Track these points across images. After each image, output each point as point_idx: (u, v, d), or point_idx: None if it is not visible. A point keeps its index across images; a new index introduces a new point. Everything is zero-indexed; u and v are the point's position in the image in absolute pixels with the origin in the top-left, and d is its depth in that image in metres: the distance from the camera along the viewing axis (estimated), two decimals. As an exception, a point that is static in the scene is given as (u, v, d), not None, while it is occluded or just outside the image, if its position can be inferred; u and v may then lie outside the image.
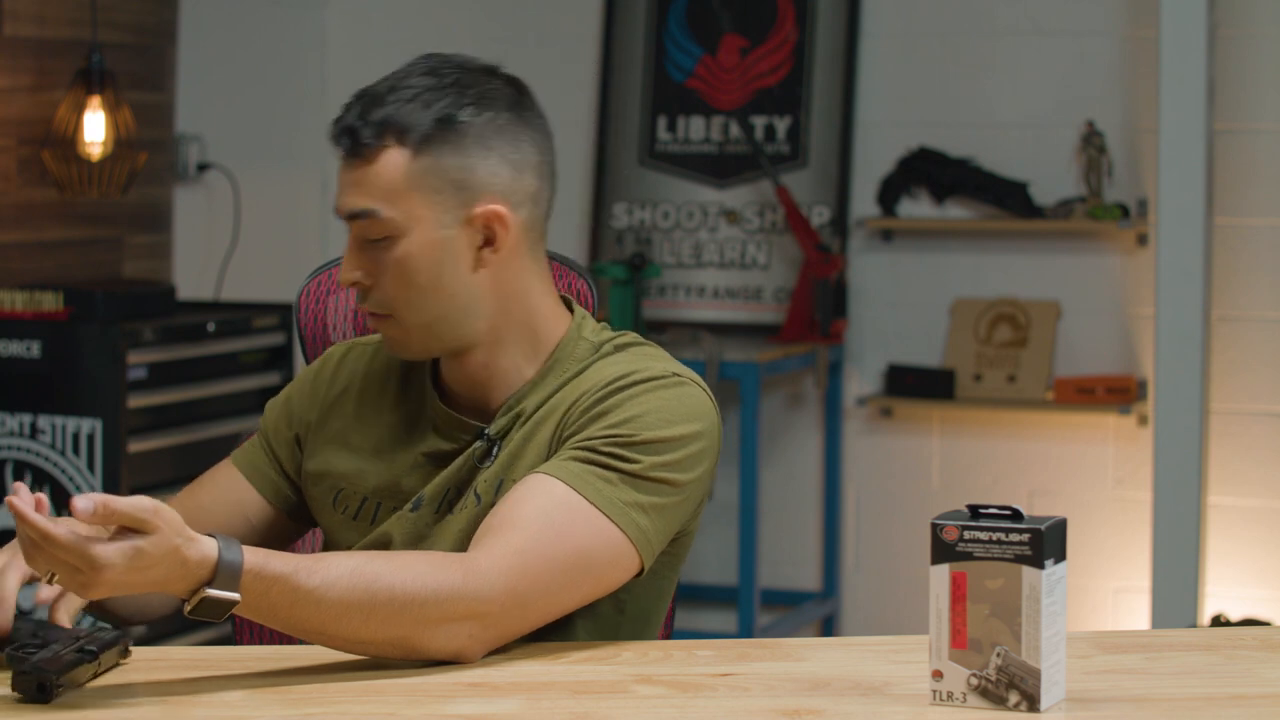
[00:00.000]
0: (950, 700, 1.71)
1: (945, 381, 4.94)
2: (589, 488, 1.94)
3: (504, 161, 2.02)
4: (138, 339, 4.37)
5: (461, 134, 2.00)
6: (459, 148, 1.99)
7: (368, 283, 2.02)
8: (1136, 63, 4.83)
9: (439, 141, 1.99)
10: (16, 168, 4.68)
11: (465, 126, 1.99)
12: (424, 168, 1.99)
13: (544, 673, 1.85)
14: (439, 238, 2.00)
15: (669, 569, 2.09)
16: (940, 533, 1.71)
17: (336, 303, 2.37)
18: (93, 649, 1.80)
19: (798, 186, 5.09)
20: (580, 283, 2.33)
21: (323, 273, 2.39)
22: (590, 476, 1.94)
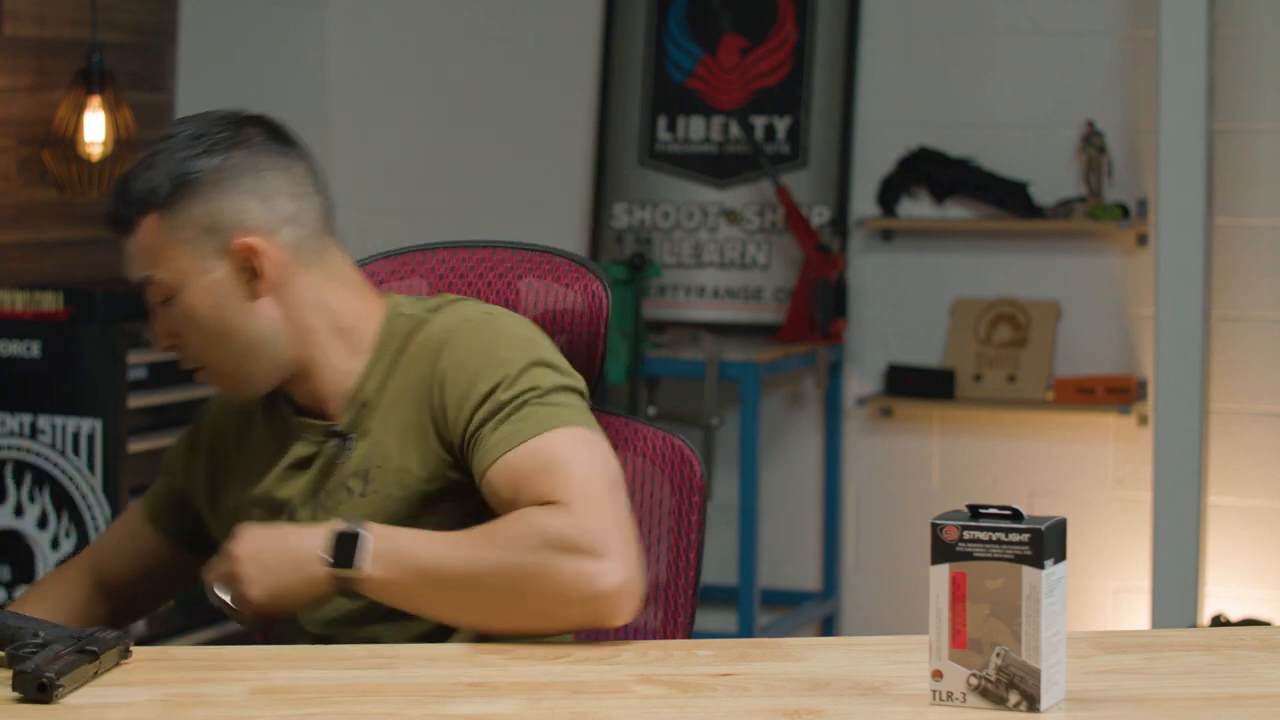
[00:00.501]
0: (950, 700, 1.71)
1: (945, 381, 4.94)
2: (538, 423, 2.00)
3: (248, 196, 2.11)
4: (138, 339, 4.37)
5: (198, 184, 2.10)
6: (200, 197, 2.10)
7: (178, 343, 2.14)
8: (1136, 63, 4.83)
9: (181, 196, 2.10)
10: (16, 168, 4.68)
11: (199, 176, 2.10)
12: (174, 224, 2.10)
13: (544, 673, 1.85)
14: (208, 283, 2.10)
15: None
16: (940, 533, 1.71)
17: None
18: (93, 649, 1.80)
19: (798, 186, 5.09)
20: (596, 285, 2.33)
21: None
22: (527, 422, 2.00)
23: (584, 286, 2.32)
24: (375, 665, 1.88)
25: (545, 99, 5.38)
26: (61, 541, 4.32)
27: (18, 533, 4.35)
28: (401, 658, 1.92)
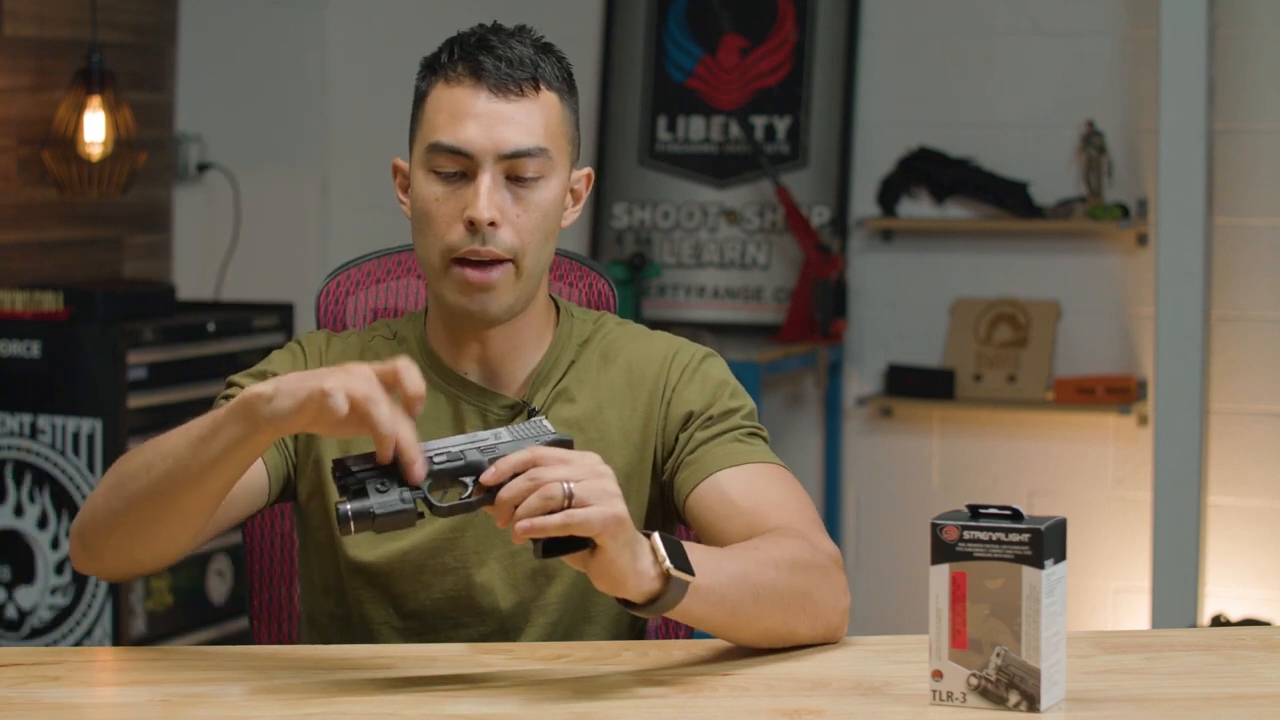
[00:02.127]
0: (950, 700, 1.71)
1: (945, 381, 4.94)
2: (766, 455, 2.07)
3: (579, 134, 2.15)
4: (138, 339, 4.37)
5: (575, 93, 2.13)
6: (575, 104, 2.12)
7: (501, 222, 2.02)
8: (1136, 63, 4.83)
9: (571, 96, 2.11)
10: (16, 168, 4.68)
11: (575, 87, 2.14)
12: (567, 116, 2.10)
13: (544, 673, 1.85)
14: (565, 184, 2.09)
15: None
16: (940, 533, 1.71)
17: (356, 303, 2.37)
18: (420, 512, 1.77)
19: (798, 186, 5.09)
20: (602, 283, 2.34)
21: (341, 273, 2.39)
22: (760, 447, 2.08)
23: (589, 285, 2.33)
24: (375, 665, 1.88)
25: (545, 99, 5.38)
26: (61, 541, 4.32)
27: (18, 533, 4.35)
28: (401, 658, 1.92)
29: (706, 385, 2.11)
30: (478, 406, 2.09)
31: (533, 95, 2.04)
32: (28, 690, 1.79)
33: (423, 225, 2.05)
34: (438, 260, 2.03)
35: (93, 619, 4.29)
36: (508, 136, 2.02)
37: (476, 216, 2.00)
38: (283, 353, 2.14)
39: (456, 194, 2.03)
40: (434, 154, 2.03)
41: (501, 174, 2.02)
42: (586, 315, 2.17)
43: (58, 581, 4.32)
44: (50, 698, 1.77)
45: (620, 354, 2.13)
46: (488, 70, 2.03)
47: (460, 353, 2.10)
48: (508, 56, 2.04)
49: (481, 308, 2.03)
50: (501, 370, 2.10)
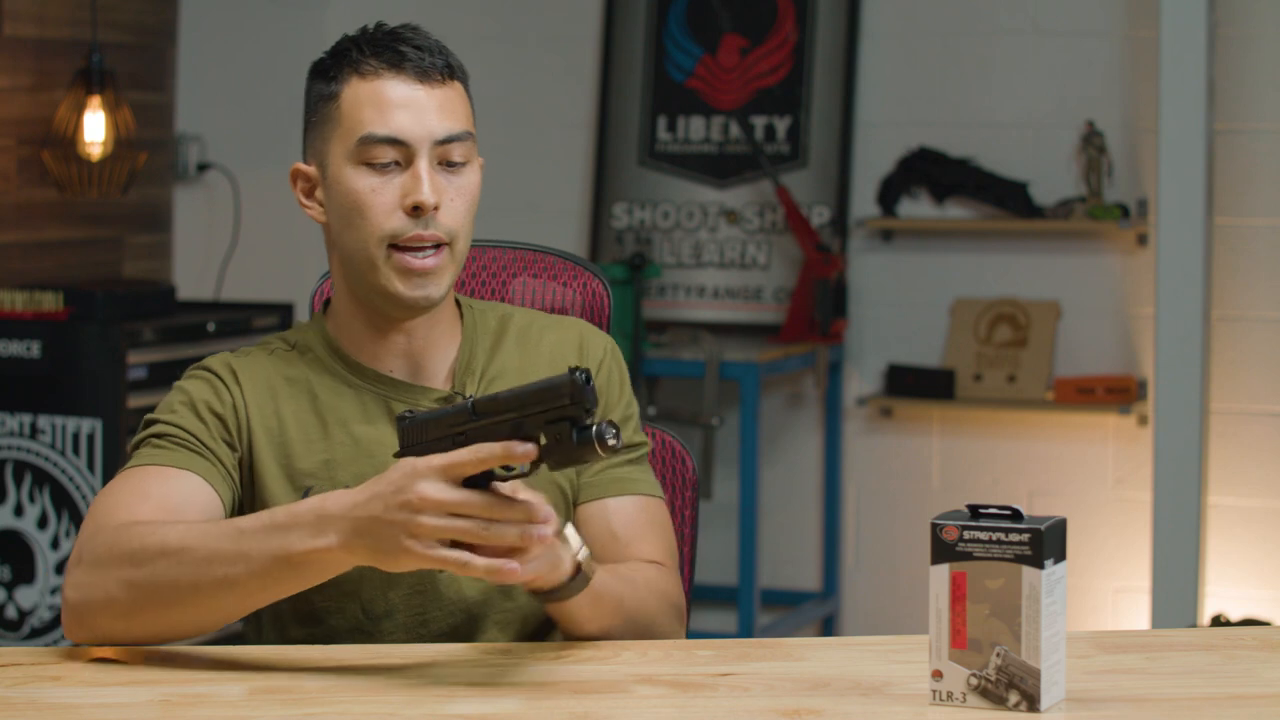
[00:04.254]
0: (950, 700, 1.71)
1: (945, 381, 4.94)
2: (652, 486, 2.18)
3: None
4: (138, 339, 4.37)
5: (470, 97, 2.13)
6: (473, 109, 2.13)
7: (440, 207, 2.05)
8: (1136, 63, 4.83)
9: (467, 84, 2.11)
10: (16, 168, 4.68)
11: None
12: (470, 103, 2.11)
13: (544, 673, 1.85)
14: (481, 172, 2.11)
15: None
16: (940, 533, 1.71)
17: None
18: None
19: (798, 186, 5.09)
20: (596, 283, 2.34)
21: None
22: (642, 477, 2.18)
23: (583, 285, 2.33)
24: (375, 665, 1.88)
25: (545, 99, 5.38)
26: (61, 541, 4.32)
27: (18, 533, 4.35)
28: (401, 658, 1.92)
29: (613, 383, 2.17)
30: (407, 402, 2.09)
31: (450, 82, 2.07)
32: (28, 690, 1.79)
33: (355, 218, 2.05)
34: (375, 250, 2.04)
35: (93, 619, 4.29)
36: (439, 122, 2.05)
37: (423, 201, 2.02)
38: (196, 382, 2.09)
39: (392, 183, 2.04)
40: (367, 146, 2.04)
41: (434, 160, 2.05)
42: (486, 305, 2.21)
43: (58, 581, 4.32)
44: (50, 698, 1.77)
45: (538, 340, 2.17)
46: (409, 59, 2.05)
47: (383, 350, 2.10)
48: (422, 45, 2.07)
49: (424, 293, 2.05)
50: (426, 363, 2.11)
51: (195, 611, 1.88)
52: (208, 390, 2.07)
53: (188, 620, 1.89)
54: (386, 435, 2.06)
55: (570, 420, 1.75)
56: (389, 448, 2.02)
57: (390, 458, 1.91)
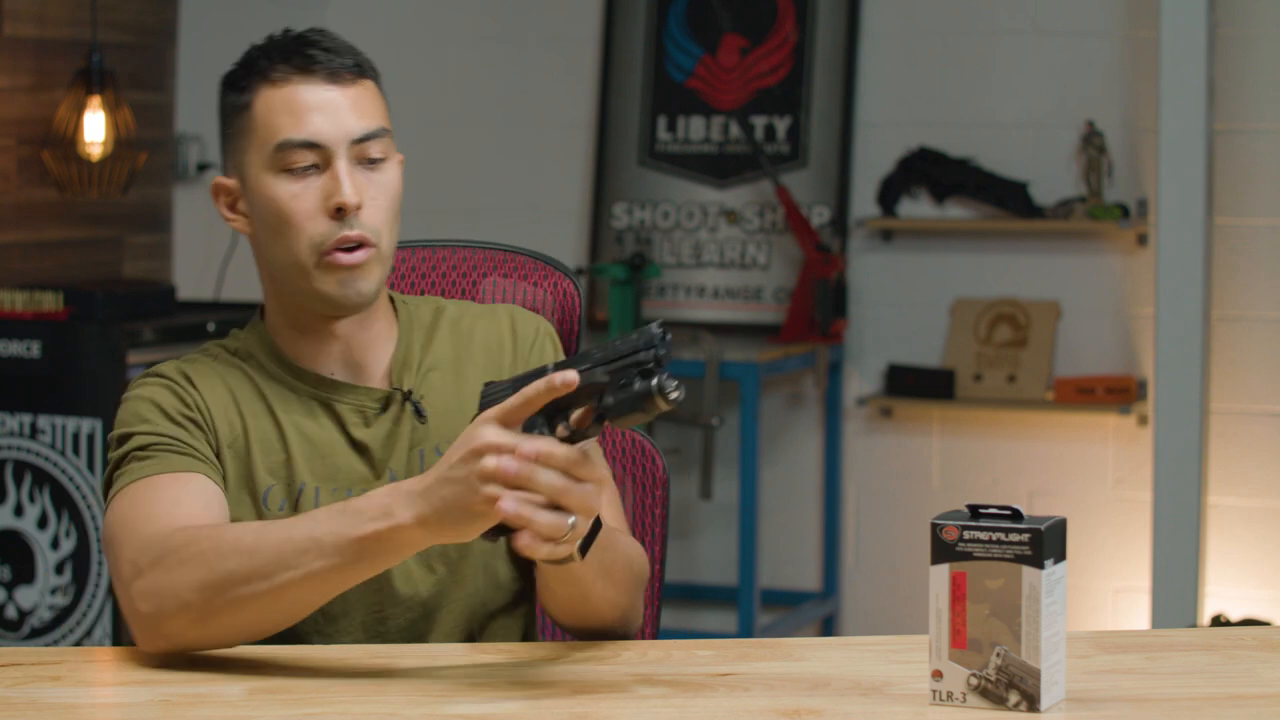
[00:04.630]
0: (950, 700, 1.71)
1: (945, 381, 4.94)
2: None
3: None
4: (138, 339, 4.37)
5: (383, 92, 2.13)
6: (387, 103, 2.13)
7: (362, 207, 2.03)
8: (1136, 63, 4.83)
9: (379, 82, 2.12)
10: (16, 168, 4.68)
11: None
12: (384, 100, 2.11)
13: (544, 673, 1.85)
14: (401, 167, 2.11)
15: None
16: (940, 533, 1.71)
17: None
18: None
19: (798, 186, 5.09)
20: (566, 283, 2.34)
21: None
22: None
23: (554, 285, 2.33)
24: (375, 665, 1.88)
25: (545, 99, 5.38)
26: (61, 541, 4.32)
27: (18, 533, 4.35)
28: (401, 658, 1.92)
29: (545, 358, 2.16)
30: (350, 403, 2.09)
31: (361, 81, 2.07)
32: (28, 690, 1.79)
33: (280, 227, 2.04)
34: (306, 256, 2.03)
35: (93, 619, 4.29)
36: (354, 122, 2.04)
37: (345, 201, 2.01)
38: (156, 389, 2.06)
39: (312, 187, 2.03)
40: (284, 152, 2.03)
41: (353, 160, 2.04)
42: (419, 300, 2.21)
43: (58, 581, 4.32)
44: (50, 698, 1.77)
45: (470, 330, 2.16)
46: (319, 61, 2.06)
47: (321, 352, 2.10)
48: (331, 47, 2.08)
49: (356, 292, 2.04)
50: (365, 363, 2.11)
51: (272, 606, 1.85)
52: (171, 396, 2.05)
53: (265, 617, 1.86)
54: (335, 434, 2.07)
55: (636, 366, 1.72)
56: (339, 446, 2.06)
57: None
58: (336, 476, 2.07)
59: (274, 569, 1.83)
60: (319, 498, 2.05)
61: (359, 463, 2.07)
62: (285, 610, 1.86)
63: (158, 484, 1.97)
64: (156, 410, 2.03)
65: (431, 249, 2.37)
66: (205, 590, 1.84)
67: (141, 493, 1.96)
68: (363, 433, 2.08)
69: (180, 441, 2.02)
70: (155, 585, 1.86)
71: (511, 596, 2.12)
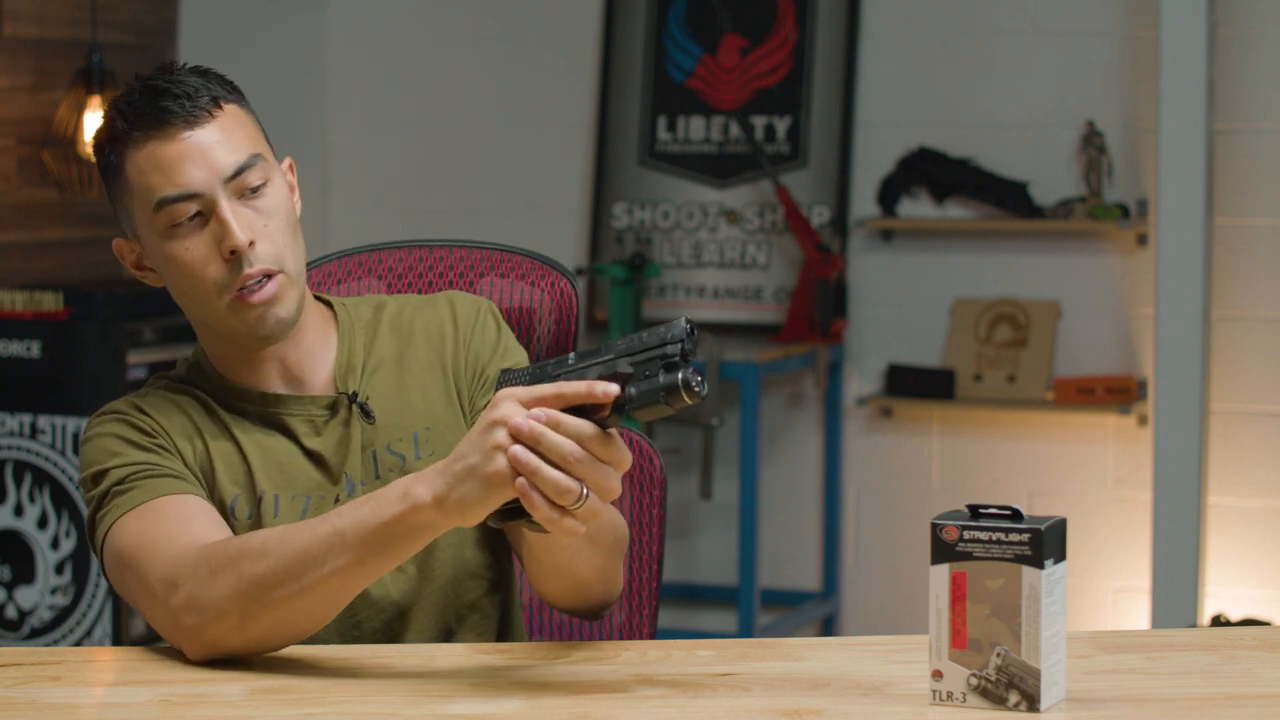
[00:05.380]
0: (950, 700, 1.71)
1: (945, 381, 4.94)
2: None
3: None
4: (138, 339, 4.37)
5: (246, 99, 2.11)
6: (252, 109, 2.11)
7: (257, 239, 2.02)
8: (1136, 63, 4.83)
9: (244, 99, 2.10)
10: (16, 168, 4.68)
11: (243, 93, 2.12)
12: (253, 118, 2.10)
13: (544, 673, 1.85)
14: (285, 183, 2.11)
15: None
16: (940, 533, 1.71)
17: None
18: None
19: (798, 186, 5.09)
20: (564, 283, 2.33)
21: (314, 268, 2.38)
22: None
23: (551, 284, 2.32)
24: (375, 665, 1.88)
25: (545, 99, 5.38)
26: (61, 541, 4.32)
27: (18, 533, 4.35)
28: (401, 658, 1.92)
29: (487, 340, 2.15)
30: (299, 414, 2.10)
31: (218, 113, 2.04)
32: (28, 690, 1.79)
33: (185, 279, 2.03)
34: (217, 301, 2.03)
35: (93, 619, 4.29)
36: (223, 159, 2.02)
37: (236, 244, 2.00)
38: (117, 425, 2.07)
39: (201, 236, 2.02)
40: (166, 209, 2.01)
41: (233, 196, 2.03)
42: (359, 301, 2.21)
43: (58, 581, 4.32)
44: (50, 698, 1.77)
45: (411, 324, 2.16)
46: (171, 112, 2.02)
47: (260, 372, 2.10)
48: (181, 92, 2.03)
49: (276, 321, 2.04)
50: (306, 375, 2.11)
51: (306, 605, 1.86)
52: (129, 428, 2.06)
53: (300, 617, 1.87)
54: (289, 446, 2.09)
55: (662, 359, 1.71)
56: (295, 457, 2.08)
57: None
58: (294, 485, 2.08)
59: (302, 569, 1.84)
60: (278, 505, 2.07)
61: (315, 471, 2.08)
62: (319, 607, 1.87)
63: (158, 506, 1.98)
64: (122, 442, 2.04)
65: (429, 249, 2.36)
66: (240, 598, 1.85)
67: (147, 517, 1.96)
68: (314, 441, 2.09)
69: (157, 465, 2.02)
70: (193, 598, 1.87)
71: (486, 585, 2.12)
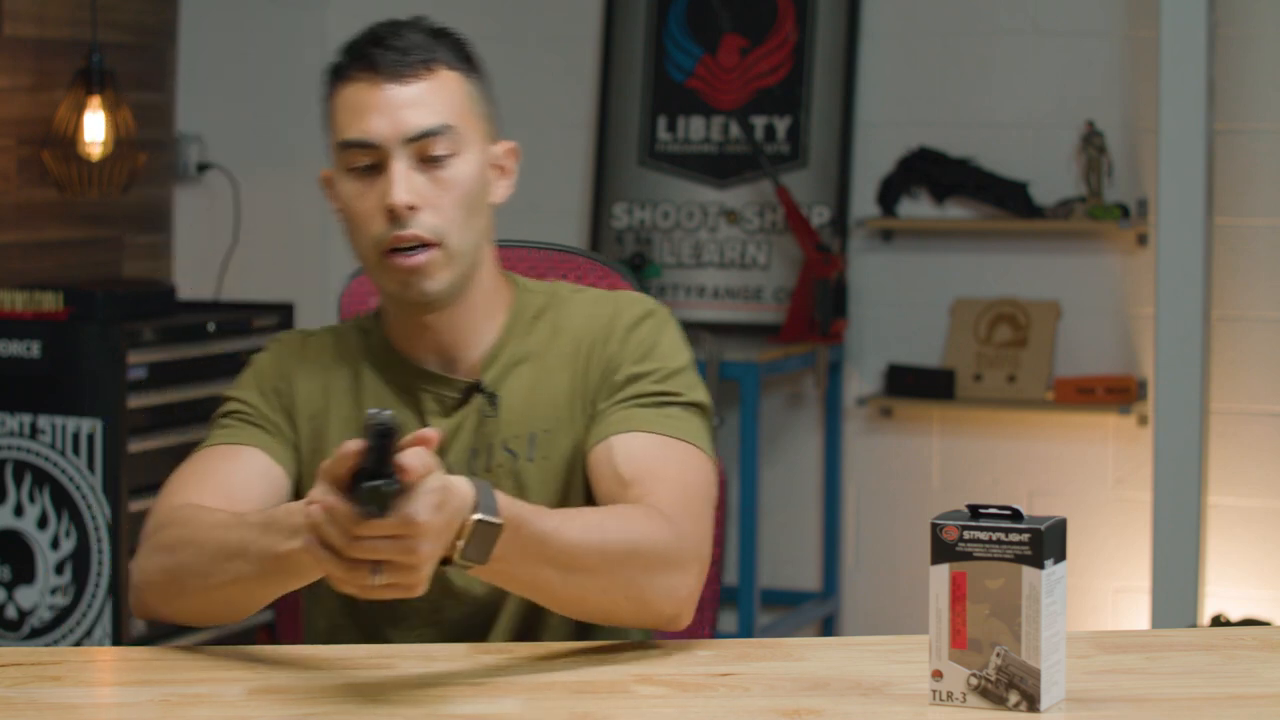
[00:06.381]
0: (950, 700, 1.71)
1: (945, 381, 4.94)
2: (671, 427, 2.03)
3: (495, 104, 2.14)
4: (138, 339, 4.37)
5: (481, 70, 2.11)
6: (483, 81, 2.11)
7: (419, 205, 2.03)
8: (1136, 63, 4.83)
9: (476, 71, 2.10)
10: (16, 168, 4.68)
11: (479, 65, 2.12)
12: (474, 90, 2.09)
13: (544, 673, 1.85)
14: (483, 160, 2.09)
15: None
16: (940, 533, 1.71)
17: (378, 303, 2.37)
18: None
19: (798, 186, 5.09)
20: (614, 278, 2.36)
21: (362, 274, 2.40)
22: (661, 417, 2.04)
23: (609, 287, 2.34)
24: (375, 665, 1.88)
25: (545, 99, 5.38)
26: (61, 541, 4.32)
27: (18, 533, 4.35)
28: (401, 658, 1.92)
29: (630, 345, 2.10)
30: (433, 393, 2.11)
31: (429, 76, 2.05)
32: (28, 690, 1.79)
33: (351, 224, 2.07)
34: (372, 254, 2.05)
35: (93, 619, 4.29)
36: (410, 119, 2.03)
37: (392, 202, 2.01)
38: (262, 354, 2.19)
39: (373, 187, 2.04)
40: (345, 152, 2.05)
41: (413, 158, 2.03)
42: (539, 287, 2.19)
43: (58, 581, 4.32)
44: (50, 698, 1.77)
45: (569, 321, 2.14)
46: (381, 61, 2.04)
47: (416, 342, 2.12)
48: (398, 45, 2.05)
49: (419, 292, 2.05)
50: (456, 354, 2.12)
51: (213, 600, 1.92)
52: (271, 365, 2.15)
53: (212, 609, 1.94)
54: (413, 419, 2.09)
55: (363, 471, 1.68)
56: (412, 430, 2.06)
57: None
58: None
59: (210, 569, 1.89)
60: None
61: None
62: (227, 606, 1.92)
63: (212, 456, 2.08)
64: (254, 375, 2.15)
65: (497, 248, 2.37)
66: (165, 574, 1.94)
67: (196, 462, 2.08)
68: (435, 423, 2.09)
69: (257, 411, 2.11)
70: (141, 559, 1.99)
71: None
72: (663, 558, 1.91)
